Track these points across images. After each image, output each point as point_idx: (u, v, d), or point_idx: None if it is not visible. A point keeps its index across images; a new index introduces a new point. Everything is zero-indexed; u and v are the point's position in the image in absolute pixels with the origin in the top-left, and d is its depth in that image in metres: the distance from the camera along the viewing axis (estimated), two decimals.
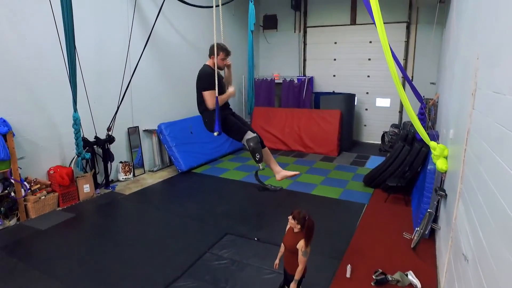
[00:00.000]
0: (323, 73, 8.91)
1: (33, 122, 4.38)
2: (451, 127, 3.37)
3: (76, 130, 4.36)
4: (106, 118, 5.23)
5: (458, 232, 2.33)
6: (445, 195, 3.19)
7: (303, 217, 2.51)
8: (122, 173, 5.63)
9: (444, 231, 3.07)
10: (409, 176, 4.90)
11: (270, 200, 4.84)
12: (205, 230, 3.91)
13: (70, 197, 4.64)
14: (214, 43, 3.43)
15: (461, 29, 3.53)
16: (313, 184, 5.54)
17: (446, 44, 5.71)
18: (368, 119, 8.78)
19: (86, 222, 4.21)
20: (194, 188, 5.38)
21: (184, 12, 6.65)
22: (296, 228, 2.58)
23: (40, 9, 4.21)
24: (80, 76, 4.56)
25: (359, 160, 7.07)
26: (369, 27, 8.17)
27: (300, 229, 2.56)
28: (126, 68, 5.50)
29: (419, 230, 3.51)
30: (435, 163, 3.60)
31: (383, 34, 3.29)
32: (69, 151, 4.79)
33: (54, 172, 4.50)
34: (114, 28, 5.34)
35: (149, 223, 4.12)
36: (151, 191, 5.32)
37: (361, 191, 5.29)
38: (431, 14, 7.50)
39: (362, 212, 4.49)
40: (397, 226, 4.06)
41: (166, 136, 6.07)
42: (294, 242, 2.60)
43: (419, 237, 3.33)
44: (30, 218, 4.14)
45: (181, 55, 6.80)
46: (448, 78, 4.48)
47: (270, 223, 4.10)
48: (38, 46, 4.32)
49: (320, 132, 7.44)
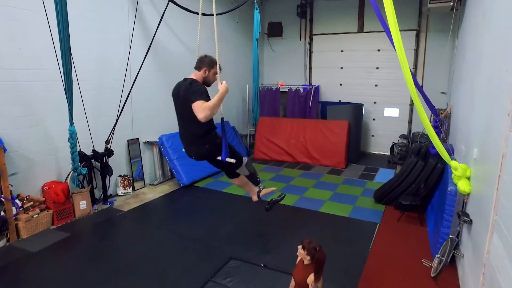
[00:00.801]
0: (329, 82, 8.68)
1: (28, 136, 4.16)
2: (475, 146, 3.10)
3: (72, 144, 4.15)
4: (104, 131, 5.01)
5: (495, 270, 2.05)
6: (470, 221, 2.91)
7: (314, 247, 2.31)
8: (121, 187, 5.39)
9: (471, 263, 2.79)
10: (423, 194, 4.62)
11: (276, 219, 4.57)
12: (208, 254, 3.64)
13: (65, 214, 4.39)
14: (205, 55, 3.07)
15: (484, 41, 3.28)
16: (321, 200, 5.27)
17: (460, 53, 5.47)
18: (376, 129, 8.51)
19: (81, 244, 3.95)
20: (197, 204, 5.12)
21: (186, 20, 6.46)
22: (306, 259, 2.36)
23: (36, 19, 4.02)
24: (77, 88, 4.37)
25: (368, 173, 6.79)
26: (377, 35, 7.96)
27: (311, 261, 2.33)
28: (126, 78, 5.29)
29: (439, 257, 3.23)
30: (456, 184, 3.34)
31: (399, 42, 3.06)
32: (65, 165, 4.56)
33: (48, 188, 4.27)
34: (114, 38, 5.14)
35: (148, 245, 3.85)
36: (151, 207, 5.06)
37: (372, 208, 5.01)
38: (442, 22, 7.29)
39: (374, 233, 4.20)
40: (413, 250, 3.77)
41: (168, 148, 5.84)
42: (304, 276, 2.37)
43: (442, 266, 3.04)
44: (22, 238, 3.90)
45: (183, 64, 6.58)
46: (466, 91, 4.22)
47: (277, 246, 3.83)
48: (33, 58, 4.12)
49: (327, 143, 7.18)
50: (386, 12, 2.91)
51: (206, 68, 3.02)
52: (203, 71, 3.01)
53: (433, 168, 4.58)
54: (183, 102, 2.91)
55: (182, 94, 2.93)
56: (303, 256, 2.37)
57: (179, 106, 3.02)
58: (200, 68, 3.02)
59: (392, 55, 7.89)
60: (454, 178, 3.38)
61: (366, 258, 3.60)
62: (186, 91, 2.89)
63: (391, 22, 2.97)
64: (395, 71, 7.95)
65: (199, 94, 2.79)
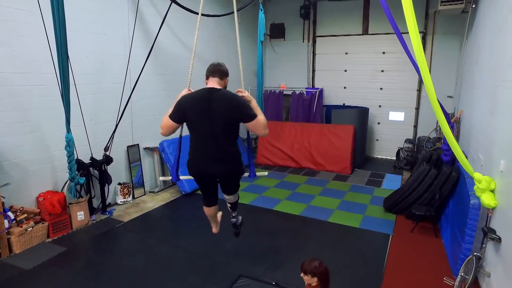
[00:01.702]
0: (333, 85, 8.49)
1: (22, 143, 3.92)
2: (502, 157, 2.91)
3: (69, 152, 3.90)
4: (103, 137, 4.77)
5: None
6: (498, 239, 2.72)
7: (314, 267, 2.21)
8: (120, 196, 5.15)
9: (502, 284, 2.60)
10: (437, 204, 4.43)
11: (284, 231, 4.36)
12: (215, 271, 3.42)
13: (61, 226, 4.15)
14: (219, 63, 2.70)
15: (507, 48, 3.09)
16: (329, 210, 5.06)
17: (472, 57, 5.29)
18: (381, 133, 8.33)
19: (78, 259, 3.69)
20: (200, 214, 4.80)
21: (188, 22, 6.23)
22: (314, 282, 2.23)
23: (31, 20, 3.78)
24: (75, 92, 4.13)
25: (375, 179, 6.60)
26: (382, 38, 7.79)
27: (318, 281, 2.22)
28: (126, 82, 5.05)
29: (462, 275, 3.04)
30: (479, 197, 3.15)
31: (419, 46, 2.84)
32: (61, 174, 4.31)
33: (44, 199, 4.02)
34: (114, 40, 4.90)
35: (150, 261, 3.62)
36: (152, 217, 4.82)
37: (383, 217, 4.82)
38: (450, 24, 7.13)
39: (388, 245, 4.01)
40: (432, 265, 3.58)
41: (169, 155, 5.60)
42: None
43: (469, 286, 2.84)
44: (14, 253, 3.64)
45: (185, 68, 6.36)
46: (482, 97, 4.04)
47: (287, 261, 3.62)
48: (28, 61, 3.88)
49: (332, 148, 6.98)
50: (406, 15, 2.69)
51: (227, 78, 2.72)
52: (226, 81, 2.69)
53: (447, 176, 4.40)
54: (224, 118, 2.51)
55: (222, 108, 2.49)
56: (308, 280, 2.24)
57: (212, 121, 2.51)
58: (223, 78, 2.65)
59: (398, 58, 7.78)
60: (477, 191, 3.19)
61: (383, 274, 3.41)
62: (231, 105, 2.51)
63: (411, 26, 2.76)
64: (400, 74, 7.78)
65: (251, 109, 2.57)
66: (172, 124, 2.60)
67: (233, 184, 2.89)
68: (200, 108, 2.52)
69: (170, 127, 2.61)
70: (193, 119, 2.57)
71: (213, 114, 2.49)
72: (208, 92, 2.54)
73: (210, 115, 2.49)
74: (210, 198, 2.99)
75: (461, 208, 3.62)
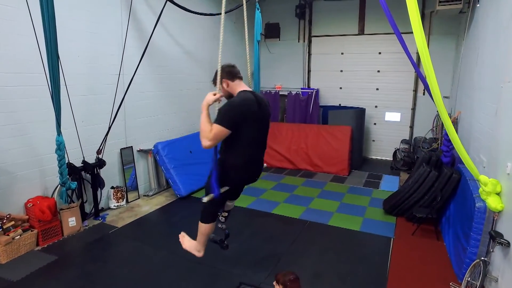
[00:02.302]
0: (329, 85, 8.42)
1: (9, 147, 3.72)
2: (508, 160, 2.85)
3: (60, 156, 3.73)
4: (96, 139, 4.59)
5: None
6: (507, 243, 2.66)
7: (289, 279, 2.25)
8: (114, 200, 4.97)
9: None
10: (437, 206, 4.38)
11: (283, 235, 4.26)
12: (214, 279, 3.29)
13: (52, 233, 3.96)
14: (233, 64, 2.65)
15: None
16: (329, 212, 4.97)
17: (471, 57, 5.26)
18: (377, 134, 8.29)
19: (70, 269, 3.49)
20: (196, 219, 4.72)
21: (183, 21, 6.10)
22: None
23: (18, 17, 3.60)
24: (66, 93, 3.96)
25: (372, 180, 6.54)
26: (378, 38, 7.75)
27: None
28: (119, 83, 4.88)
29: (469, 280, 2.97)
30: (485, 200, 3.09)
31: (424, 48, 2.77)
32: (52, 178, 4.13)
33: (32, 205, 3.83)
34: (106, 39, 4.72)
35: (146, 269, 3.47)
36: (147, 222, 4.66)
37: (383, 220, 4.75)
38: (446, 25, 7.12)
39: (390, 249, 3.94)
40: (435, 269, 3.52)
41: (164, 157, 5.44)
42: None
43: None
44: (1, 264, 3.45)
45: (180, 68, 6.21)
46: (484, 99, 3.99)
47: (288, 266, 3.48)
48: (15, 60, 3.69)
49: (329, 150, 6.91)
50: (410, 15, 2.62)
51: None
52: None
53: (448, 178, 4.35)
54: (268, 123, 2.59)
55: (267, 112, 2.56)
56: None
57: (263, 125, 2.53)
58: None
59: (394, 58, 7.76)
60: (482, 193, 3.13)
61: (386, 280, 3.32)
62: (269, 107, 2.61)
63: (416, 26, 2.68)
64: (397, 75, 7.76)
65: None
66: (226, 133, 2.31)
67: (235, 192, 2.81)
68: (258, 114, 2.43)
69: (223, 136, 2.33)
70: (250, 125, 2.39)
71: (264, 118, 2.50)
72: (253, 95, 2.46)
73: (262, 120, 2.49)
74: (220, 209, 2.87)
75: (464, 211, 3.56)
